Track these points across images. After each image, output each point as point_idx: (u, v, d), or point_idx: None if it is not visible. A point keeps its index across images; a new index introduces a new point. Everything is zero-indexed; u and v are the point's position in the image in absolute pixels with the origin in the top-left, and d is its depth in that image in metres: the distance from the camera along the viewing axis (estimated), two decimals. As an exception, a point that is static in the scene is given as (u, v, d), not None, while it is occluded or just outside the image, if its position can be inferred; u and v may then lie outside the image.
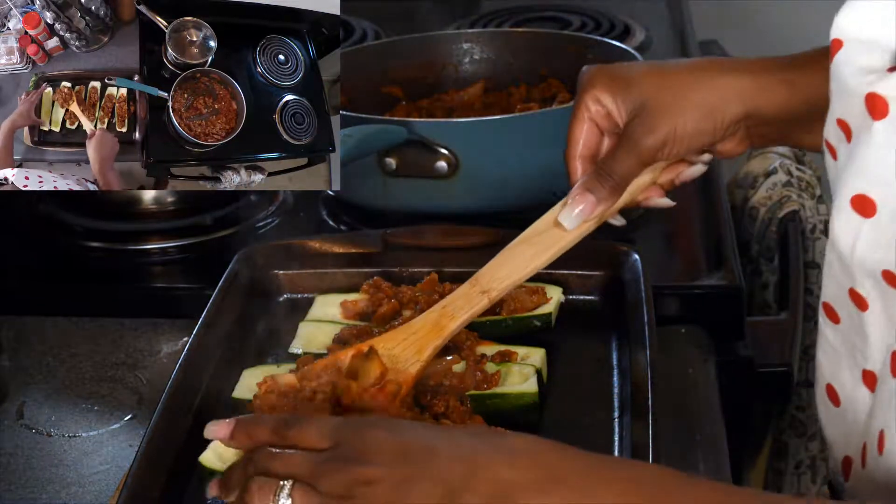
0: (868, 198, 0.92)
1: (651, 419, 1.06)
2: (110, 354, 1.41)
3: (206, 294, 1.27)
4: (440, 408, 1.11)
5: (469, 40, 1.81)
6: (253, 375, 1.19)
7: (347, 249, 1.38)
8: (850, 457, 1.02)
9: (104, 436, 1.26)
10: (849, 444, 1.02)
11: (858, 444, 1.00)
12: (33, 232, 1.66)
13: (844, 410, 1.02)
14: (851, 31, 0.95)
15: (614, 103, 1.17)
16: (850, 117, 0.94)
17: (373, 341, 1.16)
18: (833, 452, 1.06)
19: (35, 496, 1.17)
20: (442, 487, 0.86)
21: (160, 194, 1.62)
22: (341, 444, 0.89)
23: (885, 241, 0.91)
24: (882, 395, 0.96)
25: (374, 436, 0.89)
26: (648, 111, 1.15)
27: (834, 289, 0.99)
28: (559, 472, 0.88)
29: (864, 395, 0.99)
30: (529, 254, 1.19)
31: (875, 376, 0.97)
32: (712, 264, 1.50)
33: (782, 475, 1.78)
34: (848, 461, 1.03)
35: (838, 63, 0.95)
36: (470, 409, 1.12)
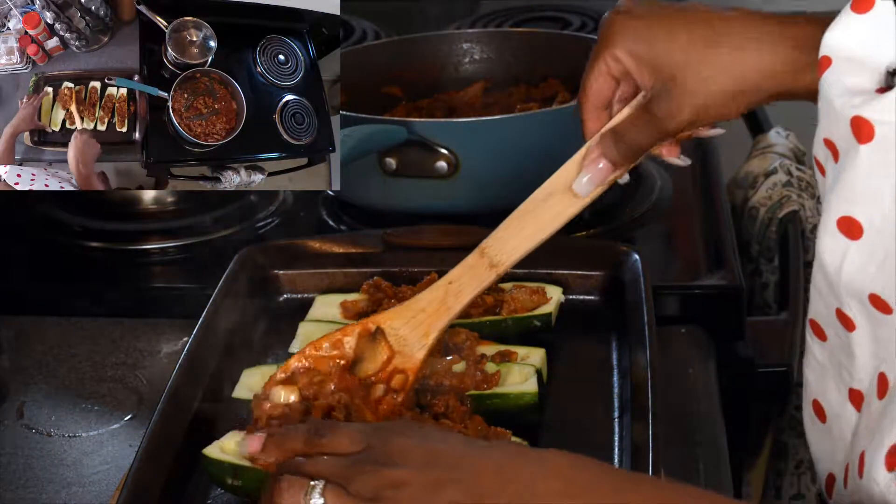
0: (854, 220, 0.91)
1: (651, 419, 1.06)
2: (110, 354, 1.40)
3: (206, 294, 1.27)
4: (440, 408, 1.11)
5: (469, 40, 1.81)
6: (253, 375, 1.19)
7: (347, 249, 1.38)
8: (834, 475, 1.02)
9: (104, 436, 1.26)
10: (833, 462, 1.02)
11: (842, 463, 0.99)
12: (33, 232, 1.66)
13: (830, 427, 1.01)
14: (840, 49, 0.93)
15: (637, 69, 1.11)
16: (837, 138, 0.93)
17: (379, 318, 1.15)
18: (818, 467, 1.05)
19: (35, 496, 1.17)
20: (471, 492, 0.86)
21: (160, 194, 1.62)
22: (372, 447, 0.89)
23: (872, 264, 0.91)
24: (867, 417, 0.95)
25: (404, 440, 0.89)
26: (674, 93, 1.09)
27: (821, 307, 0.98)
28: (590, 482, 0.88)
29: (850, 413, 0.98)
30: (538, 224, 1.16)
31: (862, 395, 0.97)
32: (712, 264, 1.50)
33: (782, 475, 1.78)
34: (831, 478, 1.03)
35: (826, 82, 0.94)
36: (470, 409, 1.12)
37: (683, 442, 1.22)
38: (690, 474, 1.18)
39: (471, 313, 1.26)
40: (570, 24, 2.25)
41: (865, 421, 0.95)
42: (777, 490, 1.78)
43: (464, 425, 1.09)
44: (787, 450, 1.77)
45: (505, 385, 1.16)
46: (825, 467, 1.03)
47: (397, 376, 1.12)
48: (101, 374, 1.37)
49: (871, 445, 0.93)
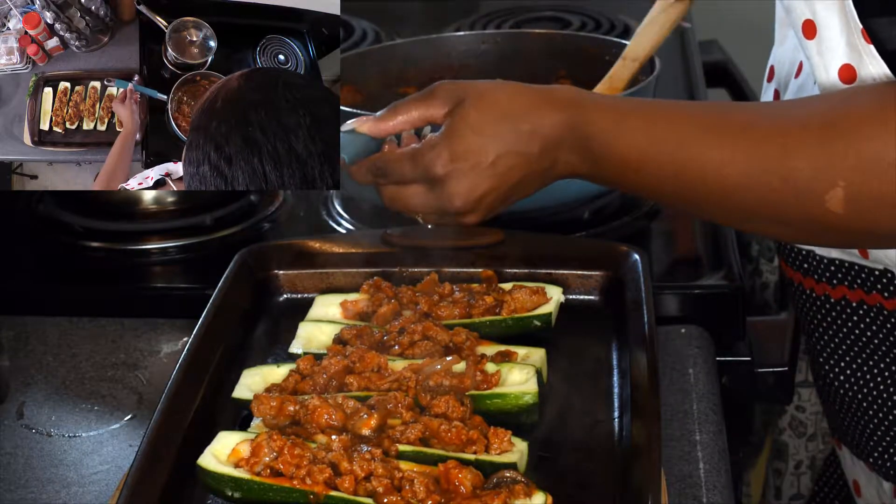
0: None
1: (651, 419, 1.06)
2: (110, 354, 1.41)
3: (206, 294, 1.27)
4: (440, 408, 1.11)
5: (486, 41, 1.80)
6: (253, 375, 1.19)
7: (347, 249, 1.38)
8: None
9: (104, 436, 1.27)
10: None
11: None
12: (33, 232, 1.66)
13: None
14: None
15: None
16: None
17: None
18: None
19: (35, 496, 1.17)
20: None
21: (160, 194, 1.62)
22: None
23: None
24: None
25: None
26: None
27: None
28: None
29: None
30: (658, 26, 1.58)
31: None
32: (712, 264, 1.50)
33: (782, 475, 1.78)
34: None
35: None
36: (470, 409, 1.12)
37: (683, 442, 1.22)
38: (690, 474, 1.18)
39: (471, 313, 1.26)
40: (570, 24, 2.25)
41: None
42: (777, 490, 1.78)
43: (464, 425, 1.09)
44: (787, 450, 1.77)
45: (505, 385, 1.16)
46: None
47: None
48: (101, 374, 1.37)
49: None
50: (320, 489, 1.01)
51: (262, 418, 1.12)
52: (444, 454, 1.05)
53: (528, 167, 1.08)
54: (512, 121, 1.07)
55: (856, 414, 1.34)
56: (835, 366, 1.34)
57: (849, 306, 1.30)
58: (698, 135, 1.05)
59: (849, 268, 1.28)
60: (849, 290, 1.29)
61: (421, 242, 1.37)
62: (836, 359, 1.34)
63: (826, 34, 1.10)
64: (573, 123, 1.07)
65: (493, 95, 1.09)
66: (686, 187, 1.07)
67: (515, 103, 1.09)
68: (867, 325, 1.30)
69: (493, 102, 1.09)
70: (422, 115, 1.12)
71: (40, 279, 1.58)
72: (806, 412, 1.75)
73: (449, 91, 1.12)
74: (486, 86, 1.12)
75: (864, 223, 1.02)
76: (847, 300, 1.30)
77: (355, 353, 1.18)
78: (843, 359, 1.33)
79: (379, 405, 1.11)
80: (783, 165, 1.01)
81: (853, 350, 1.32)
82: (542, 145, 1.07)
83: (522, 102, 1.09)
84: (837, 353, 1.34)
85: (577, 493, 1.05)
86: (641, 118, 1.07)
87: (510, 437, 1.08)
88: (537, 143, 1.07)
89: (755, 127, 1.04)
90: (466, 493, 1.00)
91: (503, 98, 1.09)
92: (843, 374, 1.34)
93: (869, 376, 1.31)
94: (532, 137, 1.07)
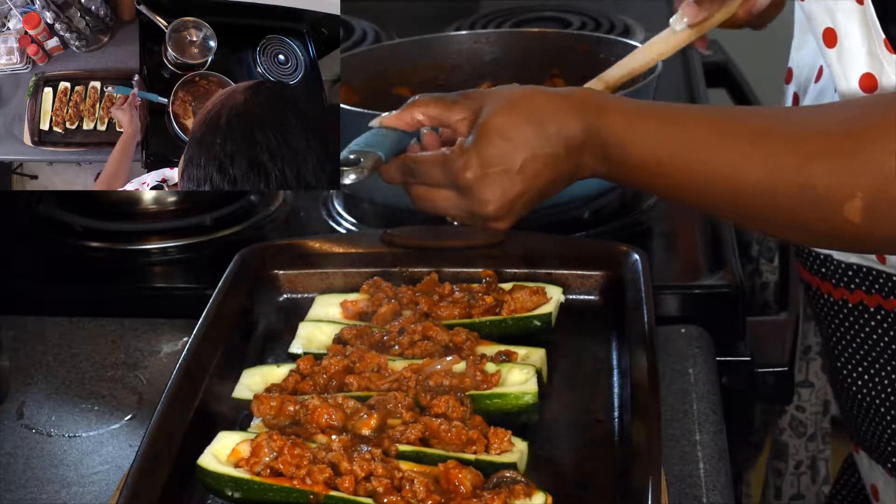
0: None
1: (651, 419, 1.06)
2: (110, 354, 1.41)
3: (206, 294, 1.27)
4: (440, 408, 1.11)
5: (479, 41, 1.80)
6: (253, 375, 1.19)
7: (347, 249, 1.38)
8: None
9: (104, 436, 1.26)
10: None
11: None
12: (33, 232, 1.66)
13: None
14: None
15: None
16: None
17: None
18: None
19: (35, 496, 1.17)
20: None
21: (160, 194, 1.62)
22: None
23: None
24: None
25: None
26: None
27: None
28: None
29: None
30: (646, 53, 1.49)
31: None
32: (712, 264, 1.50)
33: (782, 475, 1.78)
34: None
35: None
36: (470, 409, 1.12)
37: (683, 442, 1.22)
38: (690, 474, 1.18)
39: (471, 313, 1.26)
40: (570, 24, 2.25)
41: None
42: (777, 490, 1.78)
43: (464, 425, 1.09)
44: (787, 450, 1.77)
45: (505, 385, 1.16)
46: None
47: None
48: (101, 374, 1.37)
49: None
50: (320, 489, 1.01)
51: (262, 418, 1.12)
52: (444, 454, 1.06)
53: (556, 169, 1.08)
54: (537, 124, 1.07)
55: (874, 418, 1.34)
56: (852, 370, 1.34)
57: (866, 311, 1.30)
58: (713, 139, 1.05)
59: (866, 273, 1.28)
60: (866, 295, 1.29)
61: (421, 242, 1.37)
62: (854, 363, 1.34)
63: (847, 43, 1.11)
64: (590, 126, 1.07)
65: (515, 100, 1.09)
66: (700, 191, 1.06)
67: (538, 106, 1.09)
68: (885, 330, 1.29)
69: (517, 107, 1.09)
70: (440, 115, 1.12)
71: (40, 279, 1.58)
72: (806, 412, 1.74)
73: (471, 98, 1.12)
74: (507, 91, 1.12)
75: (882, 232, 1.01)
76: (864, 305, 1.30)
77: (355, 353, 1.18)
78: (860, 363, 1.33)
79: (379, 405, 1.11)
80: (801, 173, 1.01)
81: (871, 354, 1.32)
82: (567, 147, 1.07)
83: (545, 105, 1.09)
84: (855, 358, 1.33)
85: (577, 493, 1.05)
86: (655, 121, 1.07)
87: (510, 437, 1.08)
88: (562, 145, 1.07)
89: (773, 133, 1.04)
90: (466, 493, 1.00)
91: (526, 102, 1.09)
92: (861, 379, 1.33)
93: (887, 381, 1.31)
94: (557, 139, 1.07)
